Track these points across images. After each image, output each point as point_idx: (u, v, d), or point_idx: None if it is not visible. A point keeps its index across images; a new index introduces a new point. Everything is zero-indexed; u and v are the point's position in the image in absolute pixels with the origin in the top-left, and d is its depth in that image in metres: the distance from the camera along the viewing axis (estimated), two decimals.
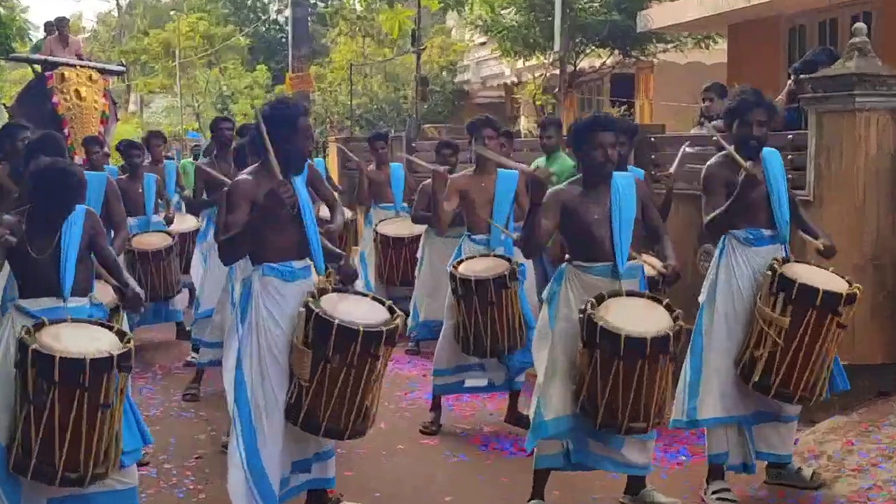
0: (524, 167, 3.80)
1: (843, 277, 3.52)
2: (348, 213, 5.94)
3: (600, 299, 3.34)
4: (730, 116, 3.73)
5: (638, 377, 3.22)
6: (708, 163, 3.79)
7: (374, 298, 3.44)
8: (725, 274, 3.65)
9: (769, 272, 3.43)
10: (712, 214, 3.64)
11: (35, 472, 2.87)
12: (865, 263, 4.33)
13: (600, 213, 3.51)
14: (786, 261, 3.53)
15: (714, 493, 3.57)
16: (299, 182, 3.20)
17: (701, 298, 3.76)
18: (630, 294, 3.47)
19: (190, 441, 4.43)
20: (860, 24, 4.49)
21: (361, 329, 2.92)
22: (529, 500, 3.48)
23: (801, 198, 4.15)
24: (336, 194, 4.70)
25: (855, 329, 4.19)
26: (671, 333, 3.20)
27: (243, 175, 3.24)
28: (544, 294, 3.69)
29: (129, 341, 3.03)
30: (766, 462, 3.82)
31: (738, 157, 3.47)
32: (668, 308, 3.39)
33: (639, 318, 3.32)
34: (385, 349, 3.10)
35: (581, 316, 3.28)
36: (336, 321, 2.92)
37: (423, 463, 4.14)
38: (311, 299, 3.04)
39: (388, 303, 3.33)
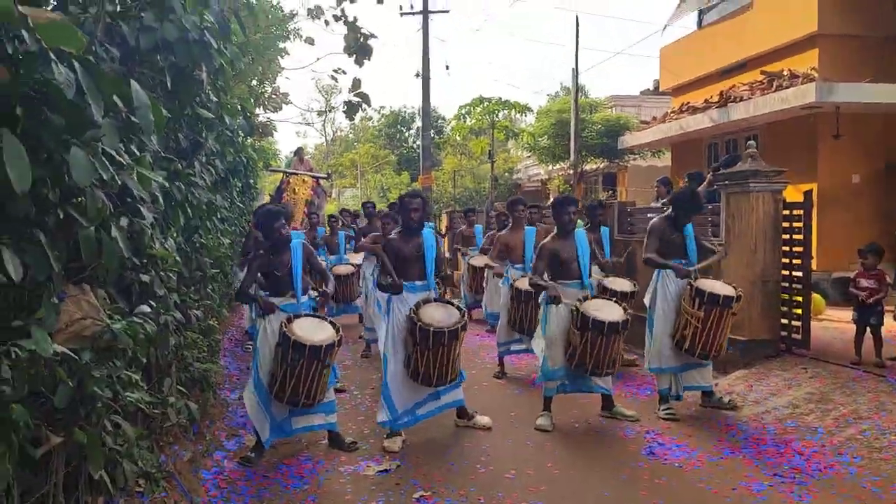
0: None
1: (733, 286, 5.34)
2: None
3: (582, 301, 5.04)
4: (671, 203, 5.67)
5: (609, 345, 4.95)
6: (652, 220, 5.67)
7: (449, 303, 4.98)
8: (661, 286, 5.51)
9: (689, 286, 5.31)
10: (650, 255, 5.41)
11: (289, 400, 4.38)
12: (756, 280, 6.35)
13: (571, 252, 5.24)
14: (697, 279, 5.34)
15: (663, 410, 5.44)
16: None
17: (646, 300, 5.64)
18: (595, 297, 5.25)
19: (369, 380, 6.81)
20: (752, 142, 6.57)
21: (446, 330, 4.59)
22: (542, 412, 5.24)
23: (718, 243, 6.13)
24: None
25: (751, 318, 6.29)
26: (626, 319, 4.96)
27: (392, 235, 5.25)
28: (541, 300, 5.46)
29: (339, 332, 4.45)
30: (699, 392, 5.63)
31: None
32: (621, 305, 5.14)
33: (607, 311, 4.99)
34: (461, 335, 4.67)
35: (574, 311, 5.01)
36: (431, 328, 4.56)
37: (496, 394, 6.29)
38: (412, 313, 4.68)
39: (457, 303, 5.04)
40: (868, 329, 5.95)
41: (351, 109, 6.20)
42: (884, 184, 9.52)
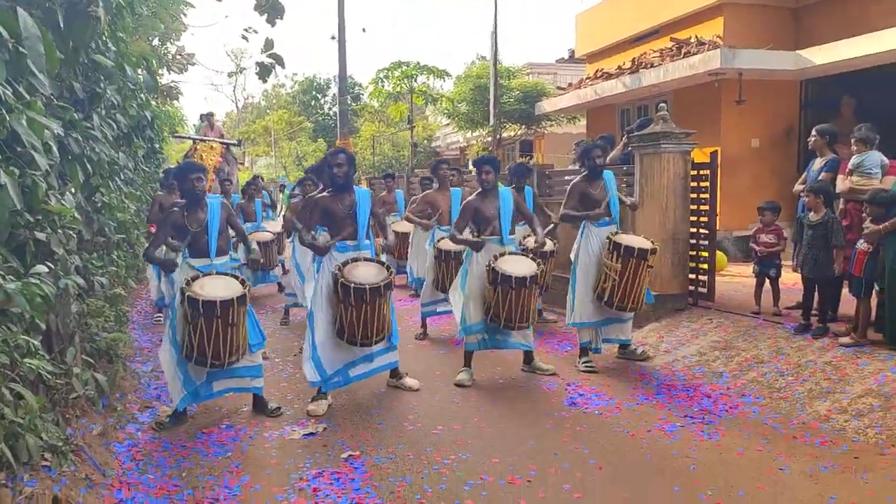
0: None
1: (650, 240, 5.50)
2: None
3: (497, 257, 5.15)
4: (581, 156, 5.83)
5: (520, 299, 4.99)
6: (573, 181, 5.83)
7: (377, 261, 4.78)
8: (584, 242, 5.66)
9: (607, 240, 5.47)
10: (566, 211, 5.59)
11: (196, 361, 4.22)
12: (668, 238, 6.63)
13: (492, 210, 5.34)
14: (616, 233, 5.50)
15: (583, 363, 5.62)
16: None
17: (571, 256, 5.81)
18: (512, 253, 5.26)
19: (290, 347, 6.67)
20: (663, 104, 6.83)
21: (367, 286, 4.46)
22: (462, 368, 5.38)
23: (631, 201, 6.06)
24: None
25: (662, 274, 6.59)
26: (536, 273, 5.09)
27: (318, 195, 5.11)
28: (464, 256, 5.51)
29: (247, 287, 4.32)
30: (616, 345, 5.88)
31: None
32: (534, 260, 5.22)
33: (518, 266, 5.05)
34: (386, 293, 4.56)
35: (488, 267, 5.08)
36: (352, 285, 4.45)
37: (421, 355, 6.31)
38: (337, 270, 4.56)
39: (386, 264, 4.78)
40: (767, 281, 6.36)
41: (264, 71, 5.88)
42: (782, 148, 10.13)
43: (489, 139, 16.72)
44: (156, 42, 10.99)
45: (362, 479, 3.62)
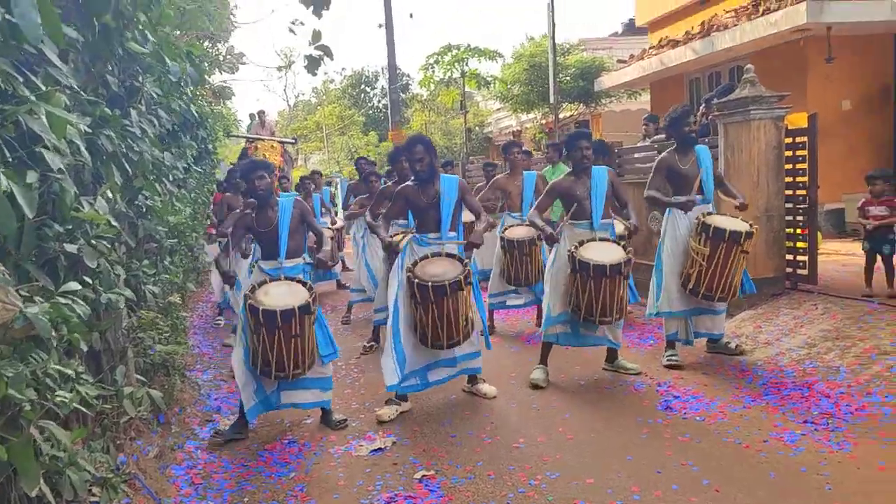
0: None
1: (746, 222, 4.87)
2: None
3: (581, 244, 4.67)
4: (671, 125, 5.10)
5: (608, 289, 4.51)
6: (660, 155, 5.21)
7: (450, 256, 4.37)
8: (671, 224, 5.11)
9: (696, 221, 4.92)
10: (651, 193, 4.97)
11: (261, 371, 3.98)
12: (761, 216, 5.95)
13: (584, 191, 4.89)
14: (708, 214, 4.91)
15: (668, 356, 5.11)
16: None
17: (658, 239, 5.28)
18: (601, 239, 4.75)
19: (353, 348, 6.32)
20: (750, 66, 6.04)
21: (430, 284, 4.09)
22: (537, 365, 4.94)
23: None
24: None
25: (757, 256, 5.90)
26: (623, 261, 4.54)
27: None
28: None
29: (313, 295, 4.00)
30: (705, 339, 5.29)
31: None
32: (623, 247, 4.70)
33: (605, 253, 4.60)
34: (462, 289, 4.15)
35: (569, 252, 4.64)
36: (416, 281, 4.11)
37: (491, 353, 5.44)
38: (409, 267, 4.20)
39: (458, 254, 4.37)
40: (880, 258, 5.62)
41: (312, 63, 5.58)
42: (877, 109, 9.15)
43: (544, 121, 16.01)
44: (206, 44, 10.89)
45: (439, 503, 3.21)
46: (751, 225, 4.90)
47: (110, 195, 2.90)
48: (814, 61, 8.68)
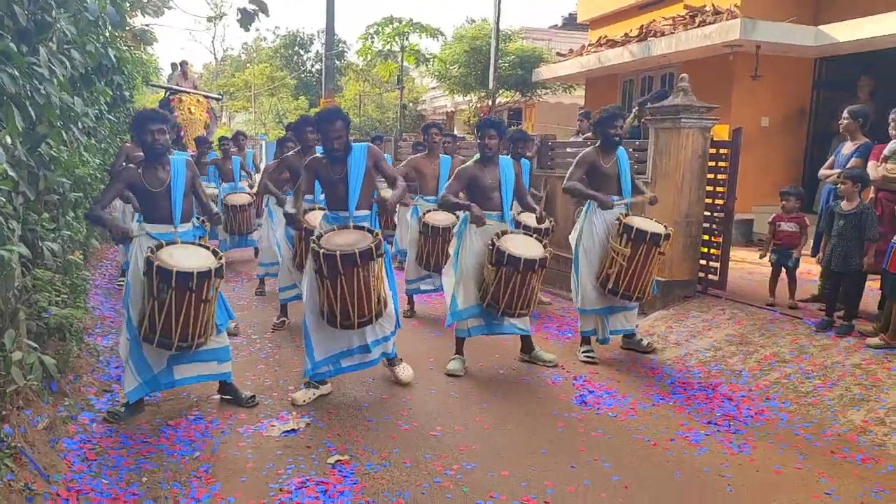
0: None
1: (663, 224, 5.02)
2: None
3: (500, 236, 4.56)
4: (599, 123, 5.19)
5: (525, 283, 4.49)
6: (583, 150, 5.22)
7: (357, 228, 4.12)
8: (588, 222, 5.15)
9: (616, 221, 4.97)
10: (572, 183, 4.98)
11: (159, 342, 3.65)
12: (681, 220, 6.14)
13: (493, 181, 4.79)
14: (626, 215, 5.03)
15: (584, 352, 5.21)
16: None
17: (571, 238, 5.30)
18: (514, 232, 4.72)
19: (266, 321, 6.09)
20: (685, 75, 6.13)
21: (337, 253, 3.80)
22: (453, 356, 4.92)
23: (642, 180, 5.72)
24: None
25: (673, 259, 6.11)
26: (545, 257, 4.56)
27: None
28: (454, 231, 4.98)
29: (220, 258, 3.79)
30: (620, 336, 5.42)
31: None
32: (539, 241, 4.73)
33: (526, 247, 4.58)
34: (369, 262, 3.86)
35: (490, 246, 4.54)
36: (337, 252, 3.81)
37: (411, 337, 5.71)
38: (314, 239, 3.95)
39: (367, 226, 4.11)
40: (784, 271, 5.94)
41: (246, 18, 5.21)
42: (792, 128, 9.68)
43: (479, 105, 15.97)
44: None
45: (352, 491, 3.13)
46: (666, 227, 5.05)
47: (9, 141, 2.60)
48: (740, 76, 9.05)
